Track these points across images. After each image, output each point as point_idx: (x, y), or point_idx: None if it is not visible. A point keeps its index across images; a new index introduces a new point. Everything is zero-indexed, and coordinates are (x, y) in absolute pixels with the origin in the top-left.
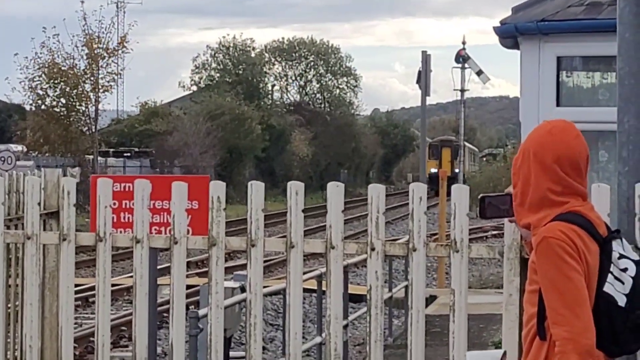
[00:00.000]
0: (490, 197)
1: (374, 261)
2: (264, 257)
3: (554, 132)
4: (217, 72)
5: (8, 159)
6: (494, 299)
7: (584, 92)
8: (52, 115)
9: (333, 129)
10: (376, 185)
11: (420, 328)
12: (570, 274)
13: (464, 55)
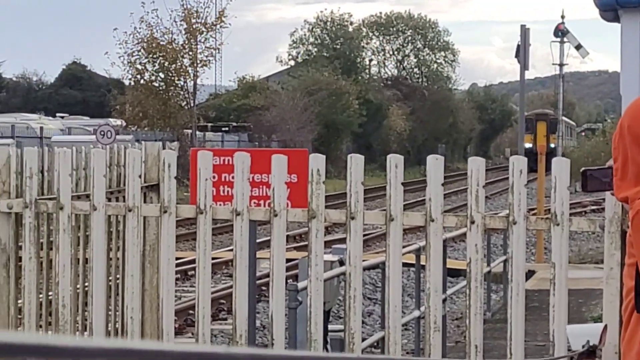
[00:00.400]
0: (592, 170)
1: (473, 234)
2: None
3: None
4: (315, 47)
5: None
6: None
7: None
8: (150, 89)
9: (430, 103)
10: (476, 158)
11: (520, 302)
12: None
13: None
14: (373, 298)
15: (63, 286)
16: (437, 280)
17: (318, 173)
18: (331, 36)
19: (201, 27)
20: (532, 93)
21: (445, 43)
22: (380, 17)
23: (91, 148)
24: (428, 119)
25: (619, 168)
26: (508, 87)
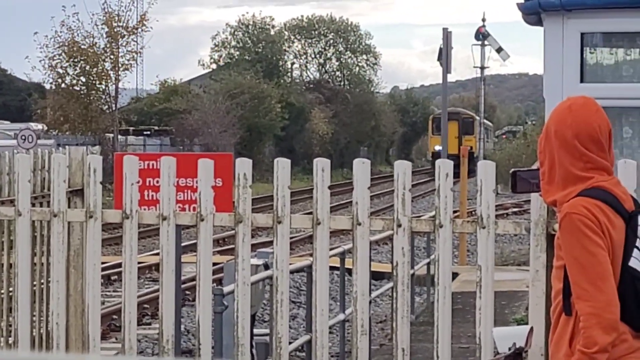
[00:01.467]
0: (521, 171)
1: (400, 237)
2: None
3: (573, 108)
4: (237, 51)
5: (29, 137)
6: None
7: (607, 68)
8: (72, 93)
9: (352, 107)
10: (402, 162)
11: (447, 304)
12: (593, 249)
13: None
14: (297, 301)
15: None
16: (364, 284)
17: (244, 177)
18: (253, 39)
19: (122, 31)
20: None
21: (366, 46)
22: (302, 21)
23: (14, 153)
24: (350, 122)
25: (545, 172)
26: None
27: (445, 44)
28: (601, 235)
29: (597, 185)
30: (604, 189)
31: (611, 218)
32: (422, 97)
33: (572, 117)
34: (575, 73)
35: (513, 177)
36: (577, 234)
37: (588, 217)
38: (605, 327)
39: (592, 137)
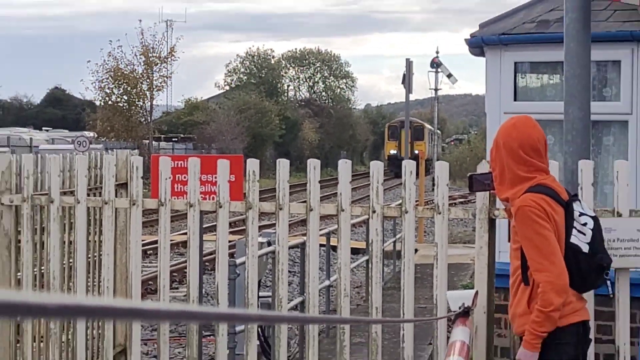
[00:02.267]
0: (476, 175)
1: (374, 221)
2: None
3: (517, 125)
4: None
5: (83, 143)
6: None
7: (534, 90)
8: (116, 109)
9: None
10: (376, 162)
11: (410, 273)
12: (543, 232)
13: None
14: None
15: (53, 263)
16: (346, 257)
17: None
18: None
19: (156, 60)
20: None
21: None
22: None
23: (74, 154)
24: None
25: (497, 175)
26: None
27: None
28: (548, 221)
29: (539, 182)
30: (545, 185)
31: (554, 207)
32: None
33: (517, 132)
34: (510, 93)
35: (470, 180)
36: (530, 222)
37: (537, 208)
38: (559, 291)
39: (533, 147)
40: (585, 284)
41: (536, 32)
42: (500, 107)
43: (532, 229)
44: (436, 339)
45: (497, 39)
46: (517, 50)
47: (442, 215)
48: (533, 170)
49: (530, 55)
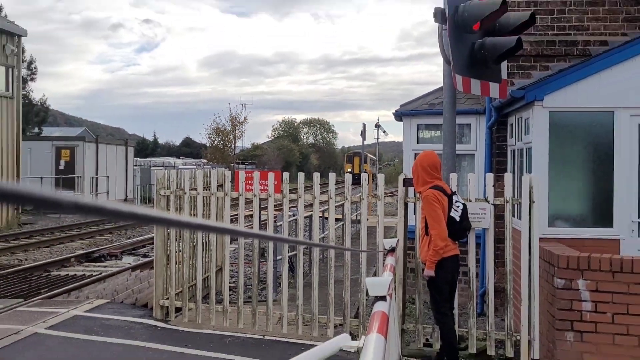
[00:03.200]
0: (407, 178)
1: (347, 204)
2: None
3: (426, 154)
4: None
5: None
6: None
7: (427, 138)
8: (217, 148)
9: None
10: (347, 175)
11: (365, 230)
12: (436, 209)
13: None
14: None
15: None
16: (332, 222)
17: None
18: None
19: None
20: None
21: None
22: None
23: (196, 170)
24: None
25: (416, 180)
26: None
27: (363, 130)
28: (438, 203)
29: (435, 184)
30: (438, 185)
31: (442, 197)
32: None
33: (426, 158)
34: (414, 140)
35: (403, 182)
36: (429, 204)
37: (433, 196)
38: (442, 238)
39: (433, 166)
40: (457, 236)
41: (428, 109)
42: (410, 147)
43: (430, 207)
44: (378, 262)
45: (408, 112)
46: (418, 118)
47: (381, 201)
48: (433, 178)
49: (425, 120)
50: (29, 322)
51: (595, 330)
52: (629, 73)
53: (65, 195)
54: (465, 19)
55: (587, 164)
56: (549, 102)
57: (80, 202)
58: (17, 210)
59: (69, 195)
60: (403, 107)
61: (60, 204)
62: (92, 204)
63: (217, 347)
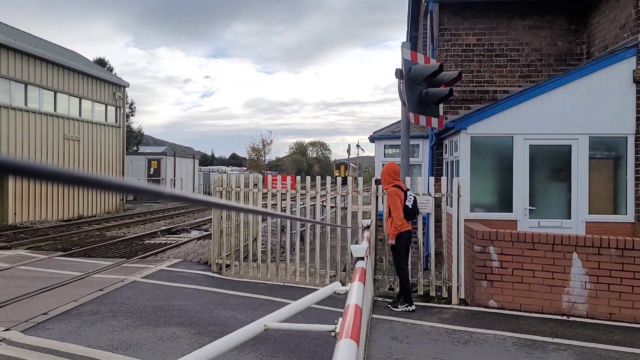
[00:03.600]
0: (377, 179)
1: (338, 197)
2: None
3: (390, 165)
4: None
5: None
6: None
7: (391, 153)
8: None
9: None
10: (338, 178)
11: (349, 214)
12: (396, 200)
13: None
14: None
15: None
16: (328, 208)
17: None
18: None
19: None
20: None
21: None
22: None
23: (240, 174)
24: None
25: (383, 181)
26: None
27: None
28: (398, 196)
29: (396, 184)
30: (398, 185)
31: (400, 192)
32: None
33: (390, 167)
34: (382, 155)
35: (376, 181)
36: (392, 196)
37: (395, 191)
38: (400, 219)
39: (395, 172)
40: (409, 218)
41: (391, 134)
42: (379, 159)
43: (392, 199)
44: (359, 235)
45: (378, 137)
46: (384, 140)
47: (360, 195)
48: (394, 180)
49: (389, 142)
50: (129, 273)
51: (501, 280)
52: (522, 110)
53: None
54: (415, 76)
55: (495, 170)
56: (470, 130)
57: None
58: (122, 199)
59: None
60: (375, 133)
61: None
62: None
63: (253, 290)
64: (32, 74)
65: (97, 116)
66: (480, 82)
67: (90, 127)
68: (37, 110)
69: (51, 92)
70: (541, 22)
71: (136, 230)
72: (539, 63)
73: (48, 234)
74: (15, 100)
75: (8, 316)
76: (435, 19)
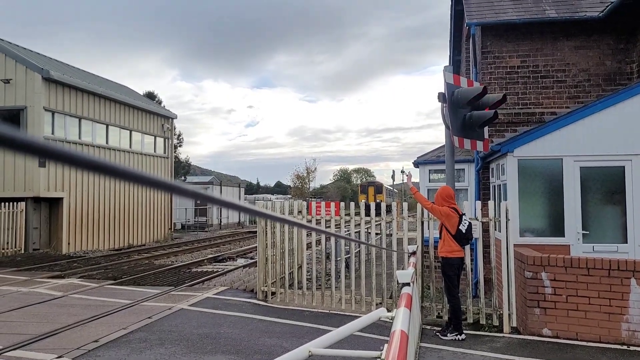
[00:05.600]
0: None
1: (383, 223)
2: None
3: (444, 188)
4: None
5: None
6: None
7: (436, 179)
8: (298, 188)
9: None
10: (383, 204)
11: (394, 240)
12: (442, 210)
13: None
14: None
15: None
16: (373, 234)
17: (343, 207)
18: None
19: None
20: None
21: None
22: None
23: (284, 202)
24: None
25: (437, 200)
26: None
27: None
28: (453, 218)
29: (451, 205)
30: (453, 206)
31: (455, 214)
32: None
33: (444, 190)
34: (427, 179)
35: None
36: (446, 216)
37: (446, 209)
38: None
39: (450, 195)
40: (462, 243)
41: (435, 159)
42: (424, 184)
43: (446, 219)
44: (404, 262)
45: (423, 162)
46: (429, 165)
47: (406, 220)
48: (449, 204)
49: (433, 167)
50: (177, 301)
51: (554, 307)
52: (572, 132)
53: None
54: (459, 99)
55: (545, 193)
56: (517, 152)
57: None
58: (170, 229)
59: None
60: (419, 158)
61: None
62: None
63: (299, 317)
64: (86, 109)
65: (147, 147)
66: (526, 104)
67: (139, 158)
68: (90, 143)
69: (103, 126)
70: (588, 42)
71: (184, 258)
72: (587, 83)
73: (100, 263)
74: (70, 134)
75: (61, 343)
76: (477, 42)
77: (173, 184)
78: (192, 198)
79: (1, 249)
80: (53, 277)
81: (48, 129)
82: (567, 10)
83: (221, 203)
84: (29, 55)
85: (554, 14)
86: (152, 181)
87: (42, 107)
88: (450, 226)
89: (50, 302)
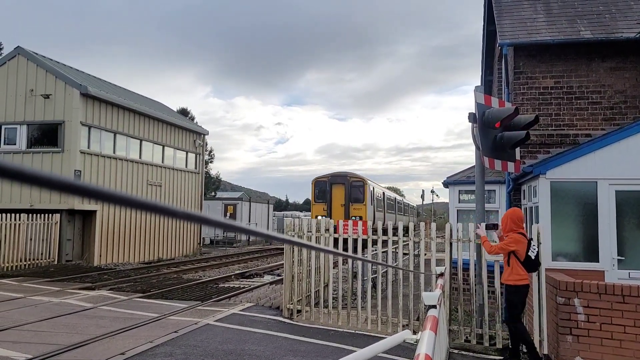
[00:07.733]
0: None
1: (411, 243)
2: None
3: (514, 210)
4: None
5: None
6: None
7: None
8: None
9: None
10: (410, 224)
11: (422, 260)
12: (510, 245)
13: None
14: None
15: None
16: (401, 255)
17: (370, 227)
18: None
19: None
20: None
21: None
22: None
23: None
24: None
25: (504, 227)
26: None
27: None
28: (516, 244)
29: (520, 231)
30: (522, 232)
31: (524, 240)
32: None
33: (514, 213)
34: (457, 200)
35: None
36: (514, 242)
37: (516, 238)
38: (491, 252)
39: (520, 218)
40: (531, 269)
41: (466, 180)
42: (454, 205)
43: (509, 243)
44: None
45: (452, 182)
46: (459, 186)
47: (434, 241)
48: (519, 227)
49: (463, 187)
50: (203, 316)
51: (588, 335)
52: (607, 154)
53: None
54: (490, 120)
55: (578, 217)
56: (550, 175)
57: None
58: (199, 244)
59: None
60: (449, 178)
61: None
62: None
63: (324, 337)
64: (121, 124)
65: (178, 163)
66: (559, 126)
67: (171, 173)
68: (124, 158)
69: (137, 140)
70: (624, 64)
71: (211, 273)
72: (624, 105)
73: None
74: (105, 148)
75: (88, 355)
76: (510, 62)
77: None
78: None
79: (35, 260)
80: (84, 289)
81: (84, 143)
82: (603, 31)
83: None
84: (68, 71)
85: (589, 35)
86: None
87: (79, 122)
88: (519, 253)
89: (80, 313)
